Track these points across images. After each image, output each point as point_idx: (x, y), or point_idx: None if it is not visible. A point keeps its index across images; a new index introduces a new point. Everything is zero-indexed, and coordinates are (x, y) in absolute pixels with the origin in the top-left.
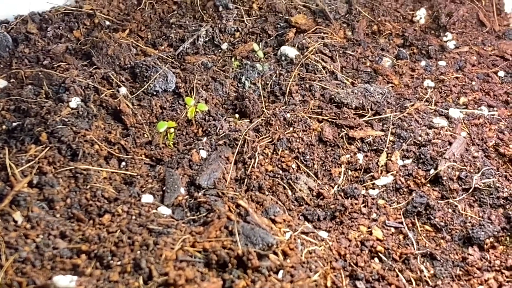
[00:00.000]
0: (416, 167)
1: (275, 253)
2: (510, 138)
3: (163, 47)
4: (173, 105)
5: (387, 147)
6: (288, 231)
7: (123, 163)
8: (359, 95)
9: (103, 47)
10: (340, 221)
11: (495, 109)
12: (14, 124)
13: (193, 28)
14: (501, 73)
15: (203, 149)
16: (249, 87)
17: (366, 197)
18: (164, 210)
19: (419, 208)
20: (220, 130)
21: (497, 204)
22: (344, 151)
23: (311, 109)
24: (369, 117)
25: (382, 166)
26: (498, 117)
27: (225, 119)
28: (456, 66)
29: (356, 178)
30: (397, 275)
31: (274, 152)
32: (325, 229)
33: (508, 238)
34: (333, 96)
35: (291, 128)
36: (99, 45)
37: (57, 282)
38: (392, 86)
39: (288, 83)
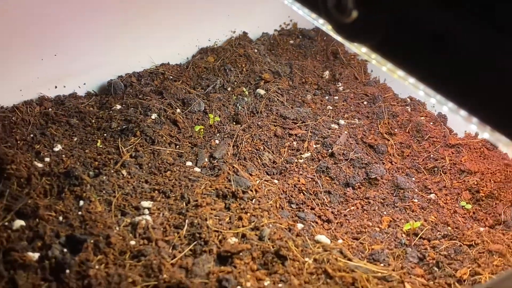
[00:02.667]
0: (322, 148)
1: (251, 190)
2: (368, 134)
3: (198, 89)
4: (203, 118)
5: (308, 139)
6: (258, 180)
7: (177, 146)
8: (295, 113)
9: (168, 89)
10: (284, 175)
11: (361, 120)
12: (124, 126)
13: (213, 80)
14: (365, 102)
15: (217, 139)
16: (241, 109)
17: (297, 163)
18: (197, 169)
19: (323, 168)
20: (226, 130)
21: (361, 166)
22: (286, 141)
23: (271, 120)
24: (299, 124)
25: (305, 148)
26: (363, 124)
27: (228, 125)
28: (343, 99)
29: (292, 154)
30: (312, 201)
31: (252, 141)
32: (276, 179)
33: (366, 183)
34: (282, 114)
35: (261, 129)
36: (167, 88)
37: (143, 204)
38: (311, 109)
39: (259, 107)
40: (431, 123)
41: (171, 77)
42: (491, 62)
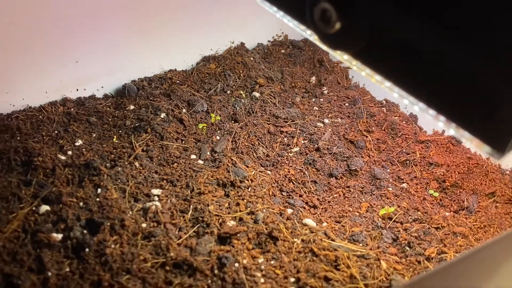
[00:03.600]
0: (309, 144)
1: (247, 180)
2: (349, 131)
3: (201, 92)
4: (205, 117)
5: (297, 135)
6: (253, 171)
7: (183, 142)
8: (285, 113)
9: (176, 91)
10: (276, 167)
11: (343, 119)
12: (136, 124)
13: (215, 84)
14: (347, 104)
15: (218, 135)
16: (239, 109)
17: (288, 157)
18: (200, 162)
19: (310, 161)
20: (226, 128)
21: (343, 159)
22: (278, 137)
23: (265, 119)
24: (289, 122)
25: (294, 143)
26: (345, 123)
27: (228, 123)
28: (327, 101)
29: (283, 148)
30: (300, 189)
31: (248, 137)
32: (269, 170)
33: (347, 174)
34: (274, 113)
35: (256, 127)
36: (174, 91)
37: (153, 191)
38: (299, 109)
39: (255, 108)
40: (404, 122)
41: (178, 81)
42: (453, 67)
